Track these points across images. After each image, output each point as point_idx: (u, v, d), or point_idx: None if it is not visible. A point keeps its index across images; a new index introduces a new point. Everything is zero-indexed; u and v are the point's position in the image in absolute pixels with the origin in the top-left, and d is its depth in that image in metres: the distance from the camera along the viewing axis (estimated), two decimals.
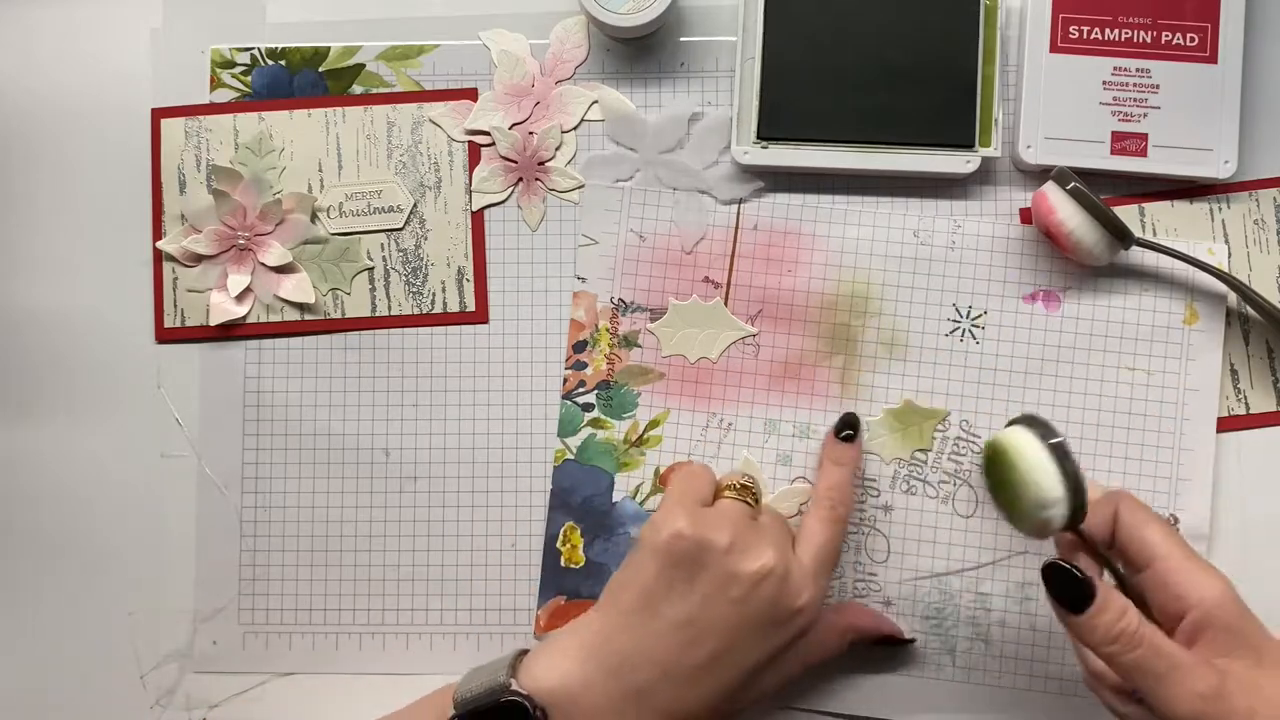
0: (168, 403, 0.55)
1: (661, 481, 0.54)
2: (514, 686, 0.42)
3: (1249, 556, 0.52)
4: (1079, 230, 0.50)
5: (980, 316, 0.53)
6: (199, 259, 0.55)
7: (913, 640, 0.52)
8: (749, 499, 0.47)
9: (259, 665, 0.54)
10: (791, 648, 0.45)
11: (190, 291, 0.55)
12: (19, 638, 0.55)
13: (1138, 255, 0.52)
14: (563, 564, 0.54)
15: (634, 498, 0.54)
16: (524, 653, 0.45)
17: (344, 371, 0.55)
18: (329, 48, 0.55)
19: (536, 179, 0.55)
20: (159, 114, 0.56)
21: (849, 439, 0.50)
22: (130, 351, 0.55)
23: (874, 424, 0.53)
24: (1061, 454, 0.40)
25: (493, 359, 0.55)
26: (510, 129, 0.55)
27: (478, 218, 0.55)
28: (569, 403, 0.54)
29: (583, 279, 0.54)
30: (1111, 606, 0.38)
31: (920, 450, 0.53)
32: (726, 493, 0.47)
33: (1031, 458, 0.40)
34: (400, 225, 0.55)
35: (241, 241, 0.55)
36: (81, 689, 0.55)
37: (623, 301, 0.54)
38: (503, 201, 0.55)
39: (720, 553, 0.43)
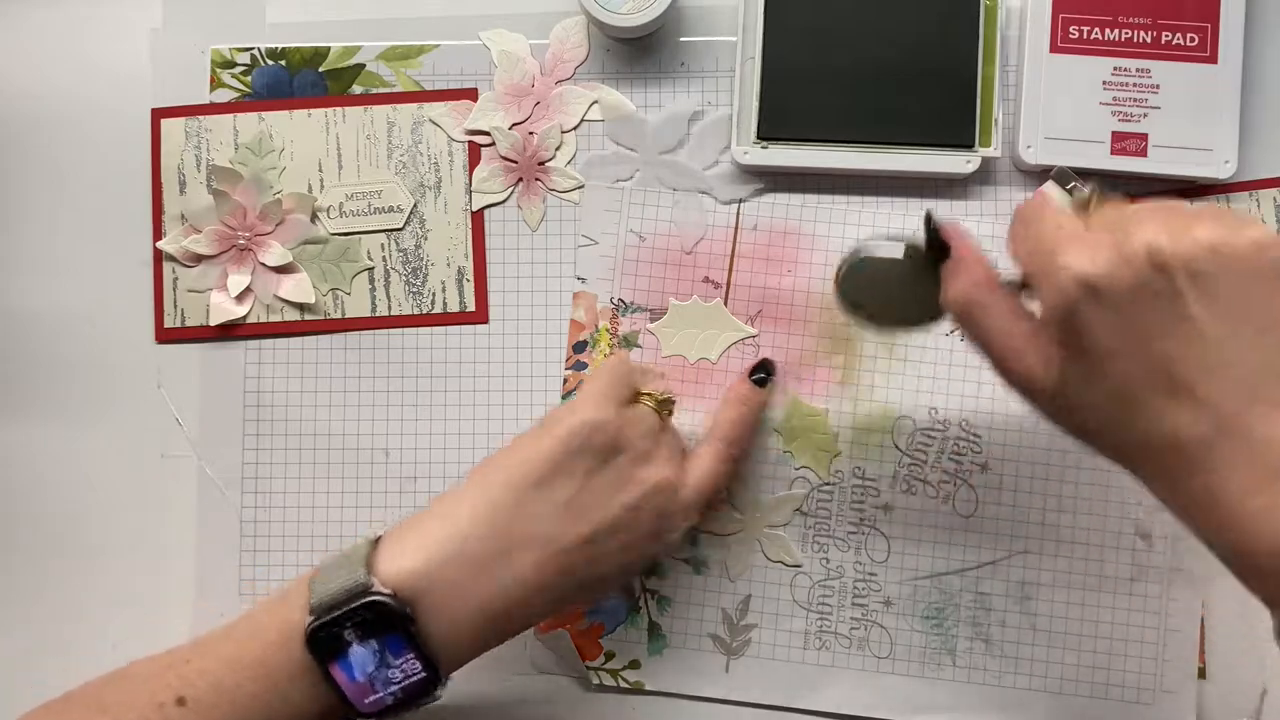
0: (168, 403, 0.55)
1: None
2: (375, 585, 0.40)
3: None
4: None
5: None
6: (199, 259, 0.55)
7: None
8: (664, 411, 0.47)
9: None
10: (649, 557, 0.46)
11: (190, 291, 0.55)
12: (19, 637, 0.55)
13: None
14: None
15: None
16: (380, 539, 0.43)
17: (344, 371, 0.55)
18: (329, 48, 0.55)
19: (536, 179, 0.55)
20: (159, 114, 0.56)
21: (760, 383, 0.50)
22: (130, 351, 0.55)
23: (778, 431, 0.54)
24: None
25: (493, 359, 0.55)
26: (510, 129, 0.55)
27: (478, 218, 0.55)
28: None
29: (583, 279, 0.54)
30: (964, 272, 0.40)
31: (834, 457, 0.53)
32: (645, 399, 0.47)
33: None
34: (400, 225, 0.55)
35: (241, 241, 0.55)
36: None
37: (623, 302, 0.54)
38: (503, 201, 0.55)
39: (629, 455, 0.44)
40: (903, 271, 0.44)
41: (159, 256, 0.55)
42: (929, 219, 0.42)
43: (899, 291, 0.44)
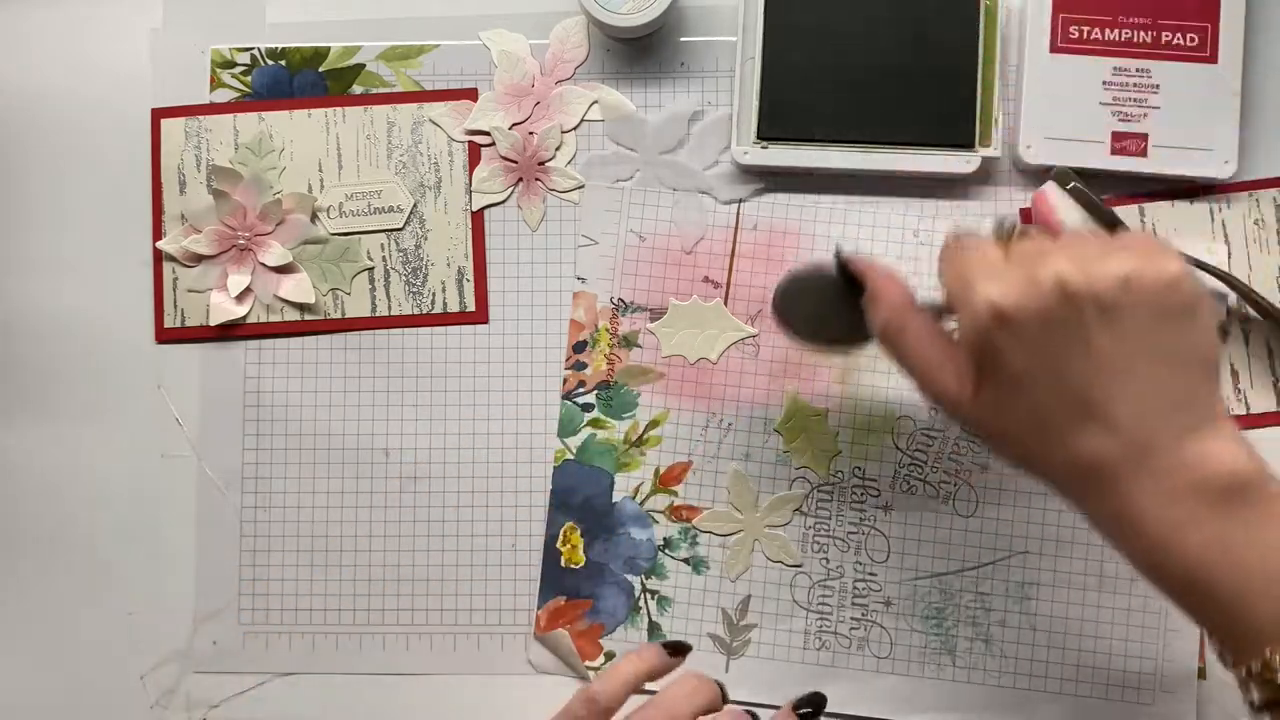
0: (168, 403, 0.55)
1: (661, 482, 0.54)
2: None
3: None
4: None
5: None
6: (199, 259, 0.55)
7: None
8: None
9: (259, 665, 0.54)
10: None
11: (190, 291, 0.55)
12: (19, 638, 0.55)
13: None
14: (563, 564, 0.54)
15: (634, 498, 0.54)
16: None
17: (344, 371, 0.55)
18: (329, 48, 0.55)
19: (536, 179, 0.55)
20: (159, 114, 0.56)
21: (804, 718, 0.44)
22: (130, 351, 0.55)
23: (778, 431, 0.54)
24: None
25: (493, 359, 0.55)
26: (510, 129, 0.55)
27: (478, 218, 0.55)
28: (569, 403, 0.54)
29: (583, 279, 0.54)
30: (882, 300, 0.41)
31: (834, 457, 0.53)
32: None
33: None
34: (400, 225, 0.55)
35: (241, 241, 0.55)
36: (81, 689, 0.55)
37: (623, 301, 0.54)
38: (503, 201, 0.55)
39: None
40: (833, 296, 0.45)
41: (159, 256, 0.55)
42: (838, 255, 0.44)
43: (831, 314, 0.45)
